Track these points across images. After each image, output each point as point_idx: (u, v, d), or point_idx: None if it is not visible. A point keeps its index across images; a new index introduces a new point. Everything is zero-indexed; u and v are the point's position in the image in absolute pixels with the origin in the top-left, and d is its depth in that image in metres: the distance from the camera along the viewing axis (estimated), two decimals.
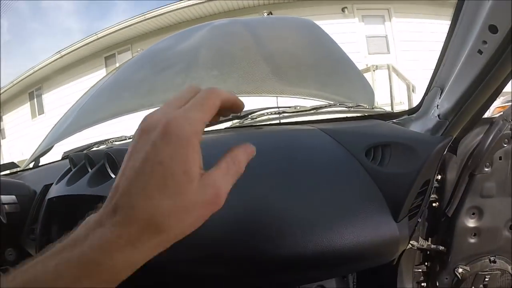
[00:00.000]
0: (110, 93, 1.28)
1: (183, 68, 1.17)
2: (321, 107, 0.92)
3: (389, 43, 7.27)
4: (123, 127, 1.52)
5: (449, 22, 0.54)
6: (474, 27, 0.46)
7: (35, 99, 9.23)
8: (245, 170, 0.30)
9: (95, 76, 6.86)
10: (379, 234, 0.49)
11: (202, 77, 1.11)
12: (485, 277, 0.80)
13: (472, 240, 0.77)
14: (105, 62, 8.21)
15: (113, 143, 1.13)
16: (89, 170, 0.76)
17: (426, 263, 0.85)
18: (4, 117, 9.92)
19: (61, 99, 7.75)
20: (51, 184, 0.83)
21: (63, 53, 8.07)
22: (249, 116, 0.95)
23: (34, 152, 1.31)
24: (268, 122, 0.98)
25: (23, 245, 0.85)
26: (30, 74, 8.69)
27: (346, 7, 7.20)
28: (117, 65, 6.37)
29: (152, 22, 7.51)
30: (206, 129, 0.29)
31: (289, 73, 1.04)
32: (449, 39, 0.54)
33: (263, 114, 0.94)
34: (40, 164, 1.28)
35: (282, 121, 0.96)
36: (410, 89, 5.12)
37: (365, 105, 0.92)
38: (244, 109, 0.33)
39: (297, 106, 0.92)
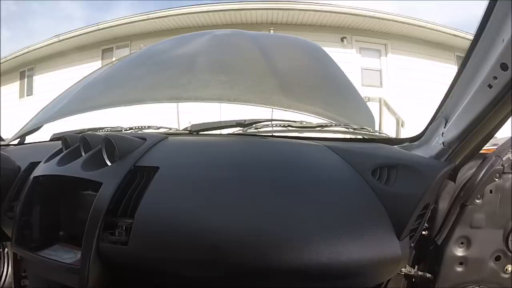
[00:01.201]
0: (108, 83, 1.26)
1: (183, 70, 1.17)
2: (326, 125, 0.94)
3: (383, 77, 7.53)
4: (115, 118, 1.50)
5: (443, 64, 0.57)
6: (485, 64, 0.50)
7: (26, 79, 8.89)
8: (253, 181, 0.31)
9: (90, 67, 6.70)
10: (383, 251, 0.50)
11: (208, 80, 1.10)
12: None
13: (459, 269, 0.79)
14: (102, 54, 8.08)
15: (108, 131, 1.10)
16: (83, 153, 0.73)
17: None
18: None
19: (53, 83, 7.49)
20: (38, 162, 0.79)
21: (61, 37, 7.89)
22: (253, 125, 0.94)
23: (21, 129, 1.26)
24: (271, 134, 0.98)
25: None
26: (25, 53, 8.34)
27: (345, 37, 7.44)
28: (114, 59, 6.28)
29: (155, 22, 7.52)
30: (207, 133, 0.29)
31: (296, 89, 1.04)
32: (459, 75, 0.58)
33: (268, 125, 0.94)
34: (25, 142, 1.23)
35: (286, 134, 0.96)
36: (400, 124, 5.26)
37: (369, 129, 0.93)
38: (248, 118, 0.34)
39: (303, 121, 0.93)
